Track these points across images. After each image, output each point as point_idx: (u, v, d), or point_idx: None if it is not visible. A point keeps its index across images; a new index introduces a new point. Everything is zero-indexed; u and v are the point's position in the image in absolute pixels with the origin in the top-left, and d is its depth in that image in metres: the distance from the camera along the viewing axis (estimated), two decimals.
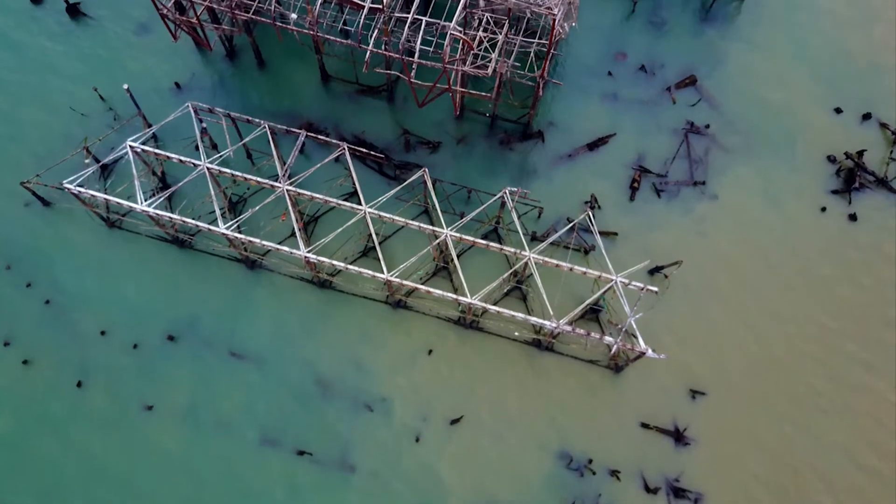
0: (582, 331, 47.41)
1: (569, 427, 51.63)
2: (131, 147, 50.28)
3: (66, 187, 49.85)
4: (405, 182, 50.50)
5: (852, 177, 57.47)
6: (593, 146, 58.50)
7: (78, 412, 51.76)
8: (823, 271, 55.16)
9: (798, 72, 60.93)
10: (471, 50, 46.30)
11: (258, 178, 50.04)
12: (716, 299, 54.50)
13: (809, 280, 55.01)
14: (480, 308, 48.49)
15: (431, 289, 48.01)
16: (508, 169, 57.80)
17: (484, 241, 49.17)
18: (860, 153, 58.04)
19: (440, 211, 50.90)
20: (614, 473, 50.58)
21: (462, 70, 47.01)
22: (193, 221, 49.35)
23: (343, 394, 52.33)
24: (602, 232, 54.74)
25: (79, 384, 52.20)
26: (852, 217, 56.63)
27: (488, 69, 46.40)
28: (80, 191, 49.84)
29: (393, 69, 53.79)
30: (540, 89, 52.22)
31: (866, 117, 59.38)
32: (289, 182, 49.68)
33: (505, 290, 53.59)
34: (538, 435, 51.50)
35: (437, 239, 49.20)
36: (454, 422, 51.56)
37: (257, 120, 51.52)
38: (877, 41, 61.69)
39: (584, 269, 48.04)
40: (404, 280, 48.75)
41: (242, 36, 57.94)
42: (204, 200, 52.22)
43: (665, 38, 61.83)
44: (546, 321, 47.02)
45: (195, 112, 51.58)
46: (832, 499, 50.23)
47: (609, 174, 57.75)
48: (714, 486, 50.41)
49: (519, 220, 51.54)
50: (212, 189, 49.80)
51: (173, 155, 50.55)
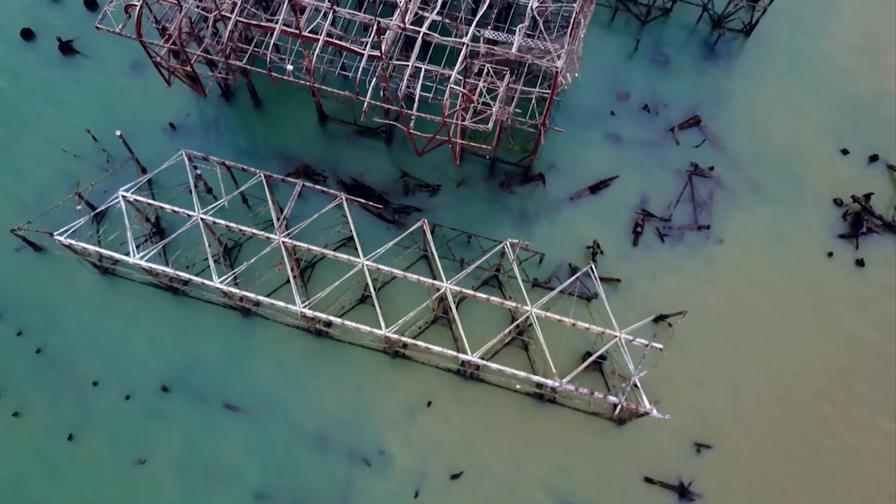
0: (585, 390, 46.28)
1: (570, 482, 50.45)
2: (124, 197, 49.14)
3: (58, 239, 48.69)
4: (405, 233, 49.34)
5: (859, 221, 56.36)
6: (595, 189, 57.40)
7: (69, 467, 50.54)
8: (830, 323, 53.99)
9: (804, 112, 59.75)
10: (471, 103, 45.07)
11: (254, 230, 48.89)
12: (721, 348, 53.35)
13: (818, 330, 53.82)
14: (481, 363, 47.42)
15: (431, 346, 46.84)
16: (509, 212, 56.67)
17: (484, 295, 48.06)
18: (867, 196, 56.96)
19: (439, 258, 49.80)
20: None
21: (462, 125, 45.79)
22: (186, 275, 48.23)
23: (340, 447, 51.16)
24: (604, 279, 53.63)
25: (70, 437, 51.07)
26: (859, 262, 55.52)
27: (489, 124, 45.16)
28: (72, 243, 48.66)
29: (391, 115, 52.64)
30: (541, 137, 51.10)
31: (873, 159, 58.28)
32: (285, 234, 48.56)
33: (506, 341, 52.45)
34: (539, 490, 50.31)
35: (437, 292, 48.07)
36: (454, 477, 50.44)
37: (253, 169, 50.39)
38: (883, 82, 60.50)
39: (588, 325, 46.91)
40: (403, 334, 47.64)
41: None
42: (199, 248, 51.03)
43: (668, 77, 60.59)
44: (548, 380, 45.90)
45: (189, 160, 50.46)
46: None
47: (611, 218, 56.63)
48: None
49: (520, 268, 50.41)
50: (205, 240, 48.69)
51: (167, 206, 49.42)
